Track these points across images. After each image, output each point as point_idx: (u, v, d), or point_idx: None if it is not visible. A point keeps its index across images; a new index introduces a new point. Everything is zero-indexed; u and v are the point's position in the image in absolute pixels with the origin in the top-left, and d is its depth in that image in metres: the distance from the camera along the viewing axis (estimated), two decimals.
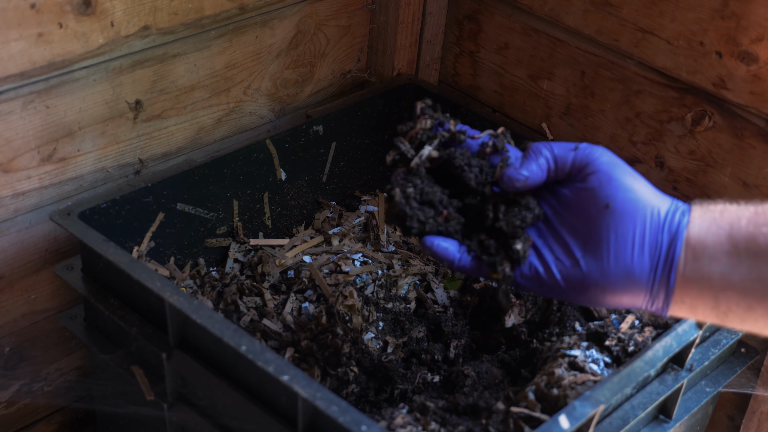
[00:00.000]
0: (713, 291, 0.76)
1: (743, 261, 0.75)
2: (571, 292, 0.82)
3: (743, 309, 0.76)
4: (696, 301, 0.77)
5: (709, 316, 0.78)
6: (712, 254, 0.76)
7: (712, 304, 0.77)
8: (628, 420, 0.92)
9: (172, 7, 1.11)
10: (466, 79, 1.42)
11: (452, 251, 0.85)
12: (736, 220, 0.76)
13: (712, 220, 0.77)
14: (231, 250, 1.22)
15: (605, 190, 0.80)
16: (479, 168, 0.87)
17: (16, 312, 1.13)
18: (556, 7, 1.26)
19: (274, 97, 1.30)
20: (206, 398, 0.96)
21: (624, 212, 0.79)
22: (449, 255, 0.85)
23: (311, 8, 1.28)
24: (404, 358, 1.08)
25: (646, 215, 0.78)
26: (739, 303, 0.76)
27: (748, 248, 0.74)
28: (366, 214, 1.30)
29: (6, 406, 1.18)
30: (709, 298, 0.77)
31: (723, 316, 0.77)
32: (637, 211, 0.79)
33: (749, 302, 0.75)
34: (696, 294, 0.77)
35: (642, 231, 0.78)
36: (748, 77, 1.10)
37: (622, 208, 0.79)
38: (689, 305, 0.78)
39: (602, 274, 0.79)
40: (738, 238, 0.75)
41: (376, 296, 1.16)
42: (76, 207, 1.04)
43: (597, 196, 0.80)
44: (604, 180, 0.80)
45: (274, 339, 1.10)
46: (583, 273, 0.80)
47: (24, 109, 1.03)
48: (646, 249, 0.78)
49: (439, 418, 0.92)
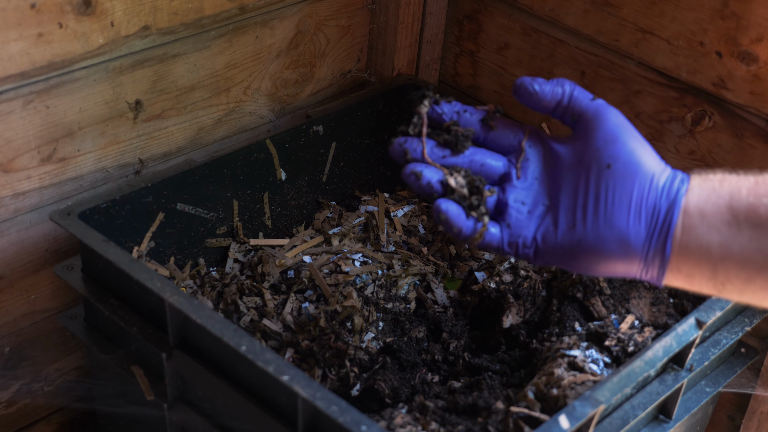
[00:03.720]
0: (712, 261, 0.75)
1: (743, 231, 0.74)
2: (566, 257, 0.80)
3: (742, 280, 0.75)
4: (693, 270, 0.76)
5: (706, 287, 0.77)
6: (711, 223, 0.75)
7: (710, 275, 0.76)
8: (628, 420, 0.92)
9: (172, 7, 1.11)
10: (466, 79, 1.42)
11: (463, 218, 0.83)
12: (736, 189, 0.75)
13: (712, 189, 0.76)
14: (231, 250, 1.22)
15: (609, 150, 0.79)
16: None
17: (16, 312, 1.13)
18: (556, 7, 1.26)
19: (274, 97, 1.30)
20: (206, 398, 0.96)
21: (625, 174, 0.78)
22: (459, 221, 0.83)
23: (311, 8, 1.28)
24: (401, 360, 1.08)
25: (645, 180, 0.78)
26: (738, 274, 0.75)
27: (749, 218, 0.74)
28: (366, 214, 1.30)
29: (6, 406, 1.18)
30: (707, 268, 0.75)
31: (720, 287, 0.76)
32: (637, 175, 0.78)
33: (749, 273, 0.74)
34: (693, 263, 0.76)
35: (640, 196, 0.77)
36: (748, 77, 1.10)
37: (623, 169, 0.78)
38: (686, 274, 0.77)
39: (597, 238, 0.78)
40: (738, 208, 0.74)
41: (376, 296, 1.16)
42: (76, 207, 1.04)
43: (600, 155, 0.79)
44: (609, 139, 0.79)
45: (274, 339, 1.10)
46: (579, 236, 0.79)
47: (24, 109, 1.03)
48: (642, 214, 0.77)
49: (438, 418, 0.93)
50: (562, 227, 0.80)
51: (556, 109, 0.83)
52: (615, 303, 1.06)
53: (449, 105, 0.87)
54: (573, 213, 0.80)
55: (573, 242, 0.79)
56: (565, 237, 0.80)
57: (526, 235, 0.82)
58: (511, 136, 0.86)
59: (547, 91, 0.83)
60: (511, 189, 0.84)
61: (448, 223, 0.82)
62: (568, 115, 0.83)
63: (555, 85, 0.83)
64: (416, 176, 0.83)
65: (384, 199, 1.33)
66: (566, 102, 0.82)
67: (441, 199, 0.82)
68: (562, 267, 0.82)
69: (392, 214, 1.30)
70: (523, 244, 0.82)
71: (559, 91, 0.83)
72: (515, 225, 0.82)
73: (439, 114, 0.86)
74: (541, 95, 0.83)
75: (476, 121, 0.86)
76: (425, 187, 0.83)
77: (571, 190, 0.81)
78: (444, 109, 0.86)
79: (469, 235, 0.82)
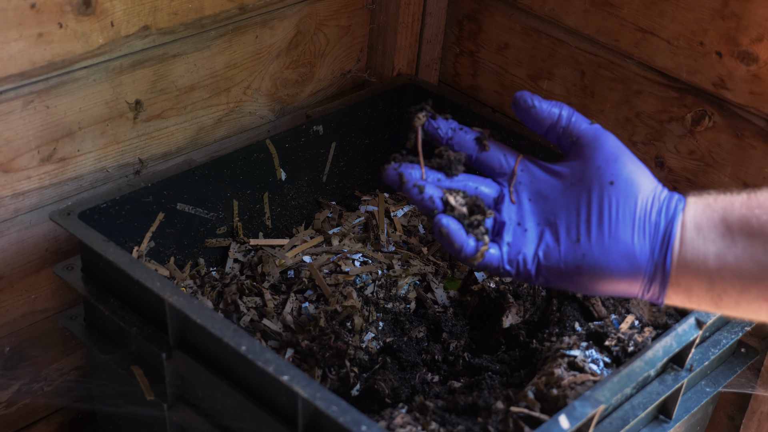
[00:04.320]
0: (708, 272, 0.77)
1: (737, 242, 0.76)
2: (570, 273, 0.81)
3: (738, 290, 0.77)
4: (691, 282, 0.78)
5: (704, 300, 0.79)
6: (707, 235, 0.77)
7: (707, 286, 0.78)
8: (628, 420, 0.92)
9: (172, 7, 1.11)
10: (466, 79, 1.42)
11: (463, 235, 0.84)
12: (729, 204, 0.78)
13: (706, 204, 0.79)
14: (231, 250, 1.22)
15: (611, 168, 0.81)
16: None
17: (16, 312, 1.13)
18: (556, 7, 1.26)
19: (274, 97, 1.30)
20: (206, 398, 0.96)
21: (627, 191, 0.80)
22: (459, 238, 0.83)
23: (311, 8, 1.28)
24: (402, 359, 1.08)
25: (647, 197, 0.80)
26: (733, 284, 0.77)
27: (742, 229, 0.76)
28: (366, 214, 1.30)
29: (6, 406, 1.18)
30: (704, 280, 0.78)
31: (718, 299, 0.78)
32: (639, 191, 0.80)
33: (744, 283, 0.76)
34: (691, 275, 0.78)
35: (642, 211, 0.80)
36: (748, 77, 1.10)
37: (625, 186, 0.81)
38: (684, 288, 0.79)
39: (602, 251, 0.80)
40: (731, 220, 0.77)
41: (376, 296, 1.16)
42: (76, 207, 1.04)
43: (602, 173, 0.81)
44: (610, 159, 0.82)
45: (274, 339, 1.10)
46: (583, 251, 0.80)
47: (24, 109, 1.03)
48: (645, 229, 0.79)
49: (438, 418, 0.93)
50: (564, 243, 0.81)
51: (552, 129, 0.86)
52: (615, 303, 1.06)
53: (445, 122, 0.88)
54: (576, 228, 0.81)
55: (577, 257, 0.81)
56: (569, 252, 0.81)
57: (526, 252, 0.83)
58: (503, 158, 0.88)
59: (545, 109, 0.86)
60: (506, 210, 0.86)
61: (449, 239, 0.82)
62: (566, 137, 0.85)
63: (553, 105, 0.86)
64: (419, 189, 0.84)
65: (384, 199, 1.33)
66: (565, 124, 0.85)
67: (441, 215, 0.83)
68: (564, 286, 0.83)
69: (392, 214, 1.30)
70: (524, 261, 0.83)
71: (556, 112, 0.85)
72: (514, 243, 0.84)
73: (435, 129, 0.88)
74: (539, 110, 0.85)
75: (471, 140, 0.88)
76: (427, 202, 0.84)
77: (572, 208, 0.82)
78: (440, 125, 0.88)
79: (470, 254, 0.83)
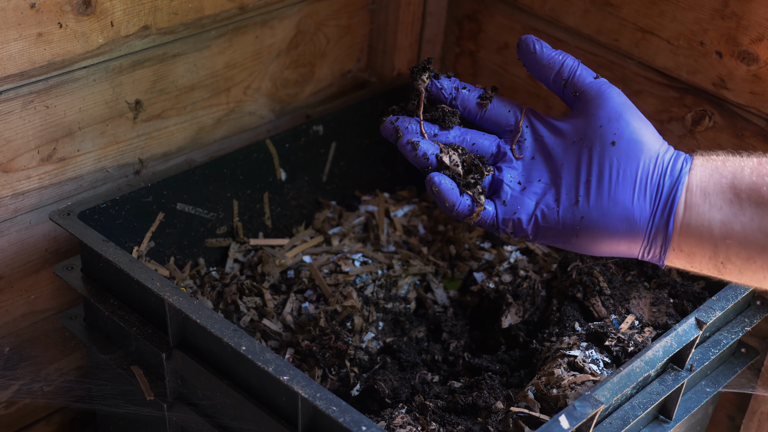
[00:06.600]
0: (713, 239, 0.75)
1: (745, 210, 0.74)
2: (567, 234, 0.79)
3: (743, 260, 0.75)
4: (694, 249, 0.76)
5: (706, 266, 0.77)
6: (714, 202, 0.75)
7: (710, 254, 0.76)
8: (628, 420, 0.92)
9: (172, 7, 1.11)
10: (466, 78, 1.42)
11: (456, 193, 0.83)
12: (739, 169, 0.75)
13: (715, 168, 0.76)
14: (231, 250, 1.22)
15: (613, 128, 0.79)
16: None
17: (16, 312, 1.13)
18: (556, 7, 1.26)
19: (274, 97, 1.30)
20: (206, 398, 0.96)
21: (629, 152, 0.78)
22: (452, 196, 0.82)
23: (311, 8, 1.28)
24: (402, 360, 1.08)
25: (650, 158, 0.78)
26: (739, 253, 0.75)
27: (751, 197, 0.74)
28: (366, 214, 1.30)
29: (6, 406, 1.18)
30: (708, 247, 0.75)
31: (721, 267, 0.76)
32: (642, 152, 0.78)
33: (749, 252, 0.74)
34: (695, 242, 0.76)
35: (644, 173, 0.77)
36: (749, 77, 1.10)
37: (627, 146, 0.78)
38: (687, 253, 0.77)
39: (601, 214, 0.78)
40: (741, 187, 0.74)
41: (376, 296, 1.16)
42: (76, 207, 1.04)
43: (604, 133, 0.79)
44: (613, 117, 0.79)
45: (274, 339, 1.10)
46: (582, 214, 0.78)
47: (24, 109, 1.03)
48: (647, 191, 0.77)
49: (438, 418, 0.93)
50: (564, 204, 0.80)
51: (555, 80, 0.83)
52: (615, 303, 1.06)
53: (449, 81, 0.86)
54: (576, 189, 0.79)
55: (576, 219, 0.79)
56: (567, 213, 0.79)
57: (523, 211, 0.81)
58: (508, 114, 0.85)
59: (546, 55, 0.82)
60: (506, 168, 0.84)
61: (440, 197, 0.81)
62: (569, 90, 0.82)
63: (557, 53, 0.83)
64: (413, 146, 0.83)
65: (384, 199, 1.33)
66: (568, 75, 0.82)
67: (434, 173, 0.82)
68: (562, 246, 0.81)
69: (392, 214, 1.30)
70: (519, 221, 0.81)
71: (558, 60, 0.82)
72: (510, 203, 0.82)
73: (439, 89, 0.86)
74: (539, 56, 0.82)
75: (474, 98, 0.86)
76: (420, 158, 0.83)
77: (573, 167, 0.80)
78: (443, 84, 0.86)
79: (465, 213, 0.81)
